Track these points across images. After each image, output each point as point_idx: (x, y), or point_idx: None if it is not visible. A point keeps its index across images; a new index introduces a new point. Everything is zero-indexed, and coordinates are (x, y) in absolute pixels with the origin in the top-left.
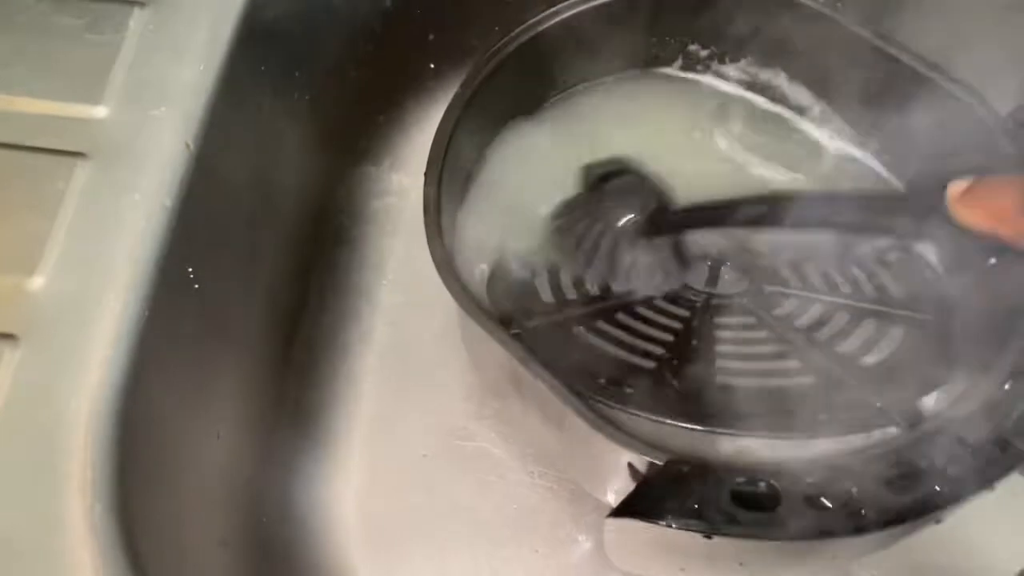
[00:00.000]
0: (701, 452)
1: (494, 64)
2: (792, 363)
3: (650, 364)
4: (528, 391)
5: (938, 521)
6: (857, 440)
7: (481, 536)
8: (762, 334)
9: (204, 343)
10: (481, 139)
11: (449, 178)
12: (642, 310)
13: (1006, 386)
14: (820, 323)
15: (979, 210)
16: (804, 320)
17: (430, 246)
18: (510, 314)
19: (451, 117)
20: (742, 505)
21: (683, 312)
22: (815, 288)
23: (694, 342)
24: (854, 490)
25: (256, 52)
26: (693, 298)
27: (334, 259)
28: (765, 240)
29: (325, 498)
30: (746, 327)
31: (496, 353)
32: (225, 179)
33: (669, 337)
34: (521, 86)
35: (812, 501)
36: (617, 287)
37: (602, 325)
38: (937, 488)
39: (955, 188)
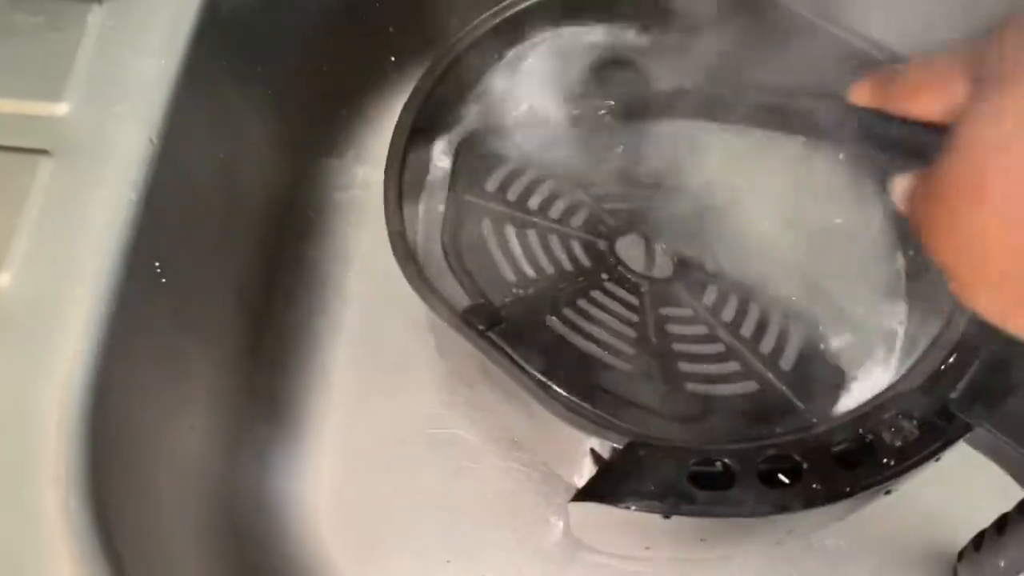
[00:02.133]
0: (659, 435)
1: (452, 56)
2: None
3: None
4: (494, 378)
5: (888, 492)
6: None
7: (456, 521)
8: (702, 330)
9: (174, 336)
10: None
11: (411, 171)
12: (551, 238)
13: (951, 358)
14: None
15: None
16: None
17: (391, 240)
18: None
19: (411, 109)
20: (699, 485)
21: (585, 262)
22: (732, 276)
23: (653, 340)
24: (805, 466)
25: (217, 45)
26: (608, 259)
27: (301, 251)
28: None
29: (299, 488)
30: (686, 321)
31: (461, 342)
32: (190, 173)
33: (551, 271)
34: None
35: (765, 478)
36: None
37: (507, 229)
38: (884, 460)
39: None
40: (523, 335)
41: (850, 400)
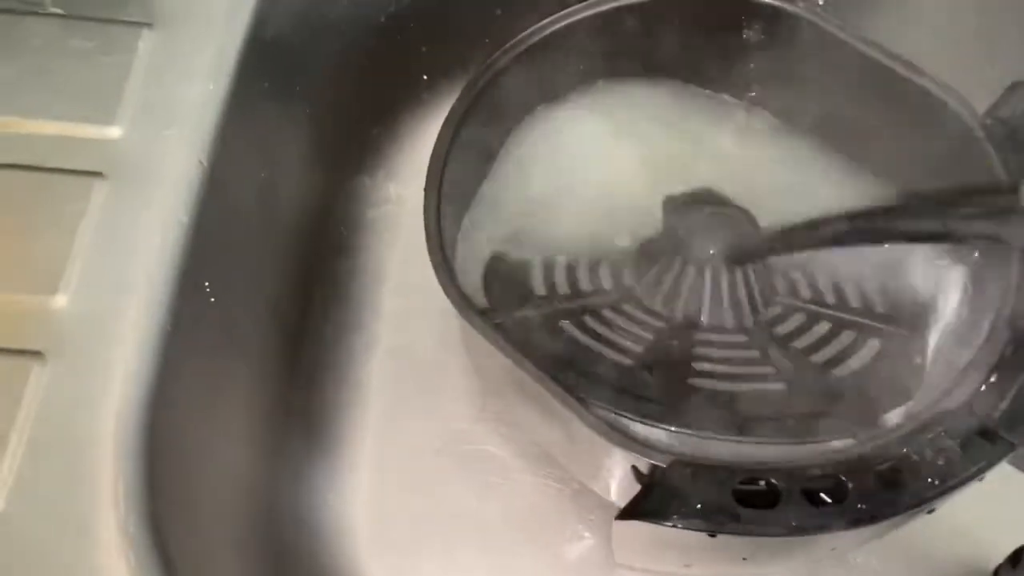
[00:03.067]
0: (701, 453)
1: (490, 75)
2: (766, 369)
3: (628, 361)
4: (529, 393)
5: (931, 511)
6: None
7: (488, 536)
8: (740, 338)
9: (220, 355)
10: (481, 148)
11: (449, 186)
12: (627, 307)
13: (992, 379)
14: (799, 331)
15: None
16: (783, 328)
17: (429, 249)
18: (500, 302)
19: (450, 125)
20: (743, 503)
21: (664, 311)
22: (800, 296)
23: (674, 342)
24: (850, 485)
25: (260, 68)
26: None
27: (335, 268)
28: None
29: (335, 502)
30: (725, 330)
31: (497, 357)
32: (235, 194)
33: (649, 336)
34: (515, 95)
35: (810, 496)
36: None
37: (588, 320)
38: (928, 480)
39: None
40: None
41: (893, 418)
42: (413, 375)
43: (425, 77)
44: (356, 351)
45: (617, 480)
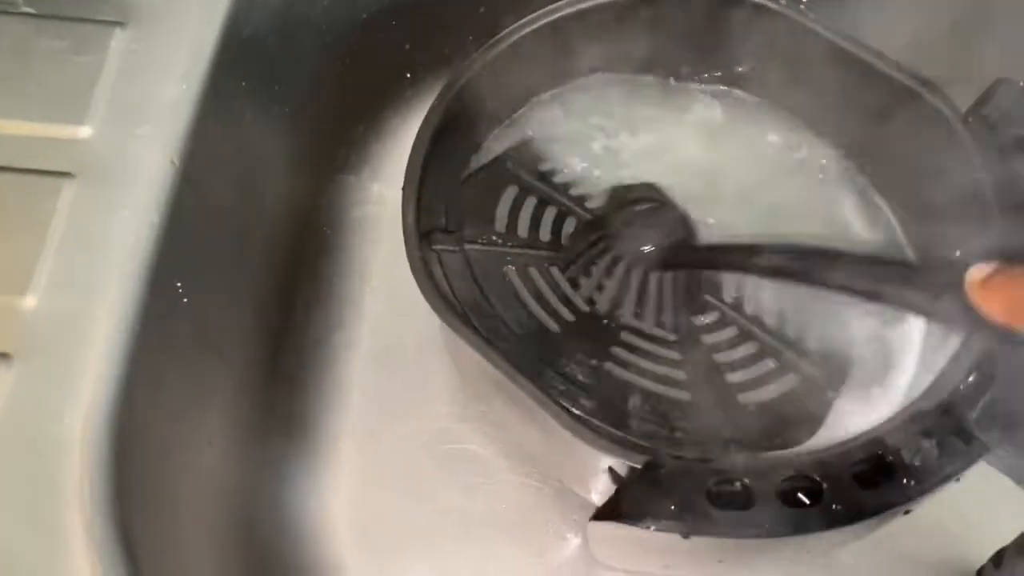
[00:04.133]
0: (679, 453)
1: (471, 72)
2: (679, 374)
3: (555, 327)
4: (510, 394)
5: (907, 512)
6: (826, 438)
7: (472, 536)
8: (671, 336)
9: (194, 356)
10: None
11: (429, 187)
12: (575, 270)
13: (969, 378)
14: (727, 345)
15: (998, 302)
16: (713, 337)
17: (407, 250)
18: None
19: (430, 123)
20: (718, 504)
21: (611, 287)
22: (742, 310)
23: (605, 321)
24: (825, 486)
25: (237, 67)
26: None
27: (318, 268)
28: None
29: (316, 504)
30: (660, 324)
31: (477, 359)
32: (210, 194)
33: (585, 307)
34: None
35: (785, 498)
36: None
37: (531, 271)
38: (905, 481)
39: (975, 274)
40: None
41: (867, 419)
42: (396, 375)
43: (408, 75)
44: (339, 351)
45: (596, 480)
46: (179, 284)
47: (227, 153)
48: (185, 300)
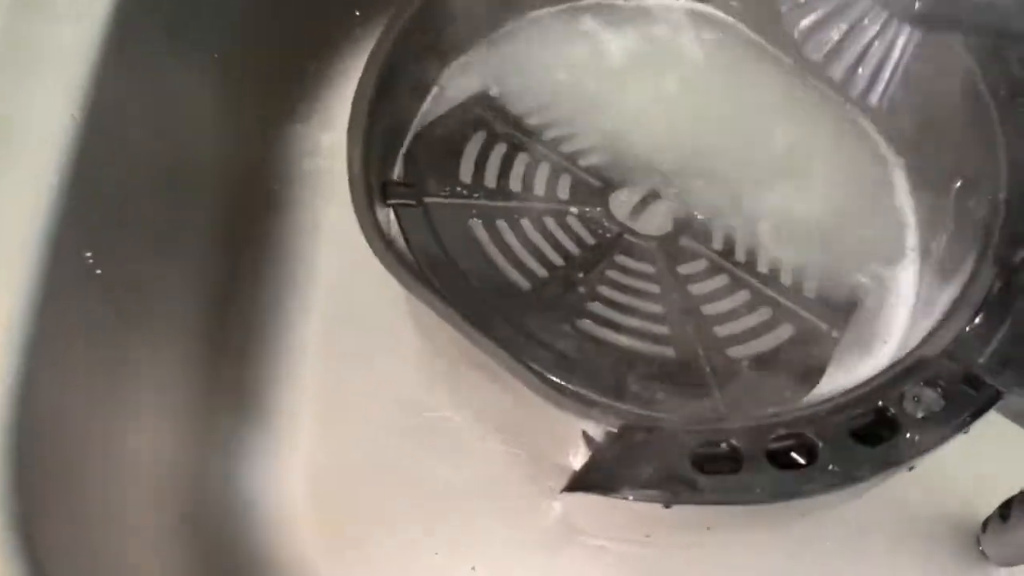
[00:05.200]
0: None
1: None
2: (663, 329)
3: (525, 284)
4: (476, 359)
5: (911, 468)
6: (821, 390)
7: (442, 510)
8: (653, 288)
9: (116, 333)
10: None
11: (380, 133)
12: (548, 222)
13: (976, 319)
14: (715, 295)
15: None
16: (701, 288)
17: (354, 205)
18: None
19: (374, 65)
20: (703, 469)
21: (588, 238)
22: (731, 258)
23: (579, 274)
24: (820, 444)
25: (146, 8)
26: (607, 225)
27: (266, 228)
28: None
29: (274, 484)
30: (640, 275)
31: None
32: (125, 152)
33: (560, 261)
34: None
35: (776, 458)
36: (539, 188)
37: (501, 224)
38: (908, 435)
39: None
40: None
41: (867, 370)
42: (357, 341)
43: (358, 12)
44: (292, 317)
45: (574, 445)
46: (89, 255)
47: (143, 105)
48: (99, 271)
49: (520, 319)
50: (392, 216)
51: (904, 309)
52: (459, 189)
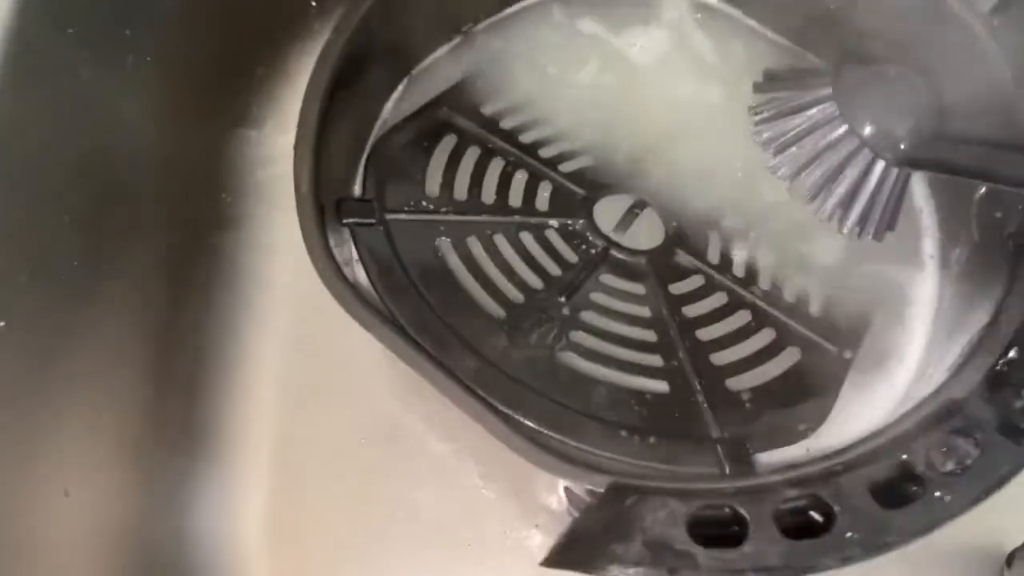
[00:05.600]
0: (648, 471)
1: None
2: (654, 360)
3: (499, 313)
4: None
5: None
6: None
7: (411, 549)
8: (643, 312)
9: (34, 378)
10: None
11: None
12: (526, 238)
13: (1011, 354)
14: (712, 316)
15: None
16: (696, 309)
17: (302, 226)
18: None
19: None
20: (702, 538)
21: (570, 255)
22: (729, 273)
23: (561, 299)
24: (836, 508)
25: (56, 11)
26: (591, 240)
27: (218, 244)
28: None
29: (228, 525)
30: (629, 297)
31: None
32: (37, 174)
33: (538, 284)
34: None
35: (786, 527)
36: (515, 199)
37: (471, 242)
38: (937, 495)
39: None
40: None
41: (884, 405)
42: (318, 366)
43: (314, 3)
44: (247, 343)
45: (557, 483)
46: None
47: (60, 119)
48: (2, 323)
49: (493, 354)
50: (349, 236)
51: (922, 324)
52: (425, 204)
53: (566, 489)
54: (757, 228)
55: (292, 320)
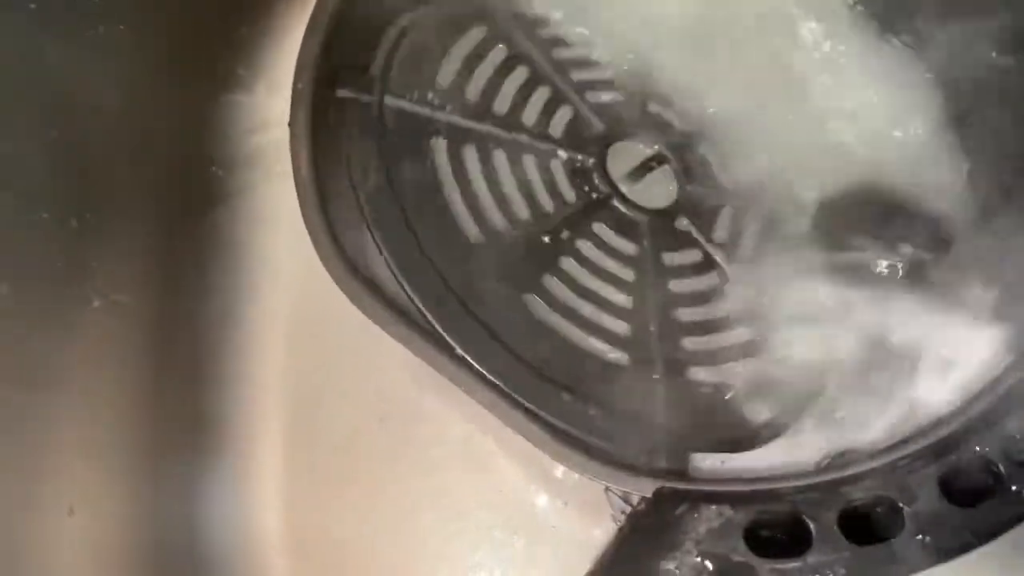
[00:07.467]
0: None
1: None
2: (622, 327)
3: (477, 236)
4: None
5: None
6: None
7: (428, 546)
8: (628, 274)
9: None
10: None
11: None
12: (528, 161)
13: None
14: (697, 298)
15: None
16: (684, 285)
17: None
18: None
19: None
20: (762, 549)
21: (568, 193)
22: (733, 253)
23: (545, 238)
24: (906, 509)
25: None
26: (596, 183)
27: (212, 222)
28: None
29: (240, 521)
30: (617, 255)
31: None
32: (8, 171)
33: (526, 214)
34: None
35: (851, 530)
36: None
37: (467, 151)
38: (1014, 489)
39: None
40: (497, 324)
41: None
42: (328, 349)
43: None
44: (250, 325)
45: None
46: None
47: (27, 97)
48: None
49: (456, 279)
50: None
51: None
52: (430, 95)
53: (607, 490)
54: (775, 226)
55: (297, 299)
